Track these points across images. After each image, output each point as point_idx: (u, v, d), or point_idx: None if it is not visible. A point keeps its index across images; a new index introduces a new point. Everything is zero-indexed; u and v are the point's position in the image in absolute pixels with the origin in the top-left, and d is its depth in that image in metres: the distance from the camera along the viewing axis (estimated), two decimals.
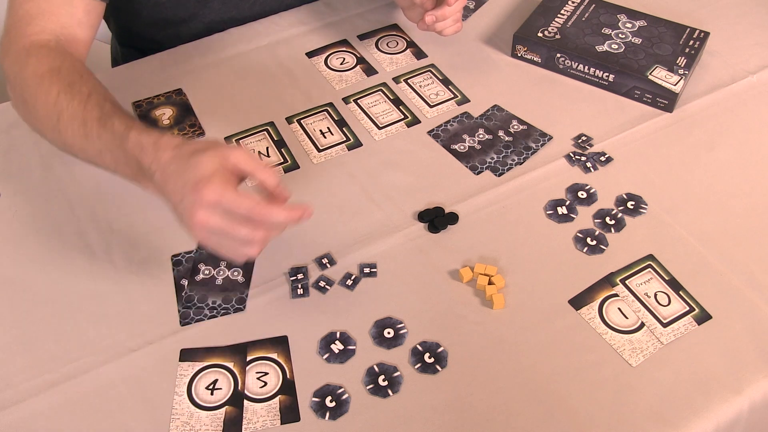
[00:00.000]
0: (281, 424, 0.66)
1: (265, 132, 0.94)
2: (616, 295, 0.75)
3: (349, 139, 0.92)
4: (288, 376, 0.69)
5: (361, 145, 0.91)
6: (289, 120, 0.95)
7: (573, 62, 0.99)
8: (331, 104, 0.97)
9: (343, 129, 0.93)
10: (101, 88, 0.81)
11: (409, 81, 1.00)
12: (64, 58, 0.83)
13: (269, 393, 0.68)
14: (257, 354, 0.71)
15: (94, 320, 0.74)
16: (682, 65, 0.96)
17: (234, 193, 0.65)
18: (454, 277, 0.77)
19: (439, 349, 0.71)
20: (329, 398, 0.68)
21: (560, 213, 0.83)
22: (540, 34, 1.01)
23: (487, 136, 0.92)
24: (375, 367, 0.70)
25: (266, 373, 0.70)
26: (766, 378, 0.68)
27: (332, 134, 0.93)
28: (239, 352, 0.71)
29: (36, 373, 0.70)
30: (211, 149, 0.67)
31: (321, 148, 0.91)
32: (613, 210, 0.83)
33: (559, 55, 0.99)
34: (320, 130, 0.93)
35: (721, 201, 0.84)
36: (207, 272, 0.78)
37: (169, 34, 1.06)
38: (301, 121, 0.95)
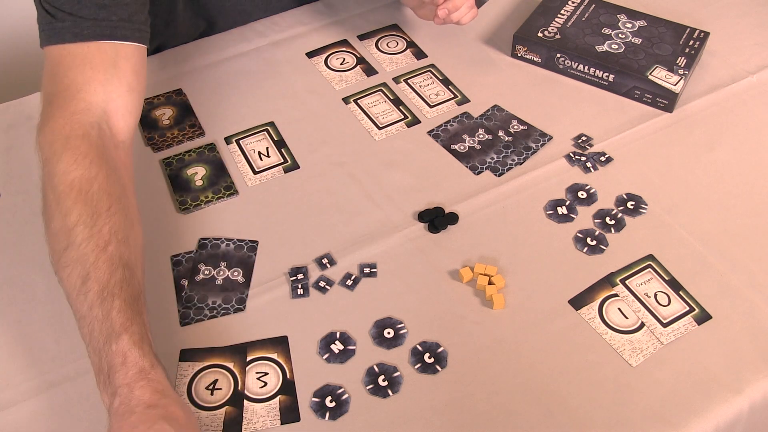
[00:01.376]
0: (281, 424, 0.66)
1: (265, 132, 0.94)
2: (616, 295, 0.75)
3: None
4: (288, 377, 0.69)
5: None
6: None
7: (573, 62, 0.99)
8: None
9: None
10: (123, 232, 0.69)
11: (409, 81, 1.00)
12: (100, 169, 0.71)
13: (269, 393, 0.68)
14: (257, 354, 0.71)
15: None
16: (682, 65, 0.96)
17: None
18: (454, 277, 0.77)
19: (439, 349, 0.71)
20: (329, 398, 0.68)
21: (560, 213, 0.83)
22: (540, 34, 1.01)
23: (487, 136, 0.92)
24: (375, 367, 0.70)
25: (266, 374, 0.69)
26: (766, 378, 0.68)
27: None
28: (239, 352, 0.71)
29: (36, 373, 0.70)
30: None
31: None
32: (613, 210, 0.83)
33: (559, 55, 0.99)
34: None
35: (721, 201, 0.84)
36: (207, 272, 0.78)
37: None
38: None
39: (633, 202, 0.84)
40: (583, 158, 0.89)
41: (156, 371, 0.63)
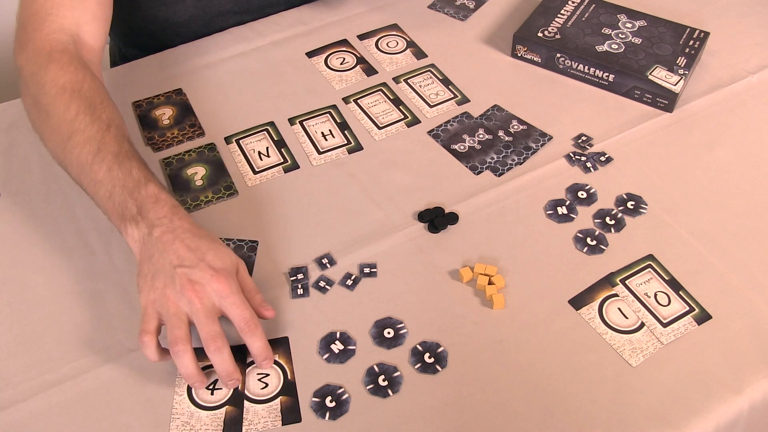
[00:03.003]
0: (282, 425, 0.66)
1: (265, 132, 0.94)
2: (616, 295, 0.75)
3: (350, 143, 0.92)
4: (289, 377, 0.69)
5: (362, 148, 0.91)
6: (291, 121, 0.95)
7: (573, 62, 0.99)
8: (334, 106, 0.97)
9: (345, 132, 0.93)
10: (119, 120, 0.80)
11: (409, 81, 1.00)
12: (86, 74, 0.81)
13: (270, 394, 0.68)
14: None
15: (94, 320, 0.74)
16: (682, 65, 0.96)
17: (240, 297, 0.67)
18: (454, 277, 0.77)
19: (439, 349, 0.71)
20: (329, 398, 0.68)
21: (560, 213, 0.83)
22: (540, 34, 1.01)
23: (487, 136, 0.92)
24: (375, 367, 0.70)
25: (267, 375, 0.69)
26: (766, 378, 0.68)
27: (333, 137, 0.93)
28: (239, 352, 0.71)
29: (36, 373, 0.70)
30: (230, 252, 0.70)
31: (321, 150, 0.91)
32: (613, 210, 0.83)
33: (559, 55, 0.99)
34: (321, 132, 0.93)
35: (721, 201, 0.84)
36: None
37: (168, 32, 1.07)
38: (304, 122, 0.95)
39: (633, 202, 0.84)
40: (583, 158, 0.89)
41: (182, 208, 0.72)
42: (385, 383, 0.69)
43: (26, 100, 0.83)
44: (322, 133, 0.93)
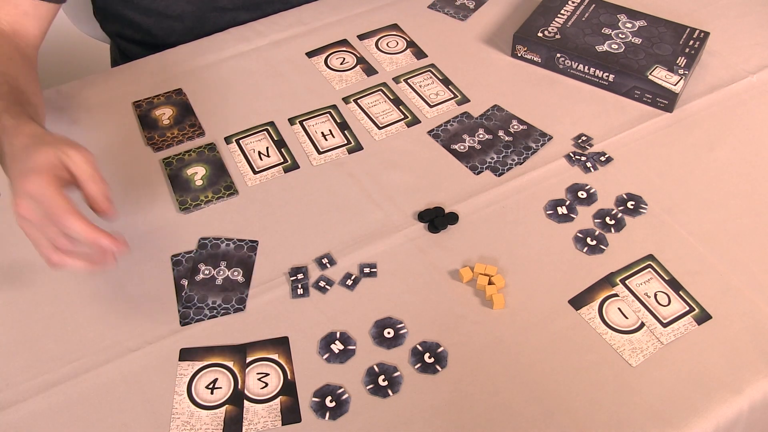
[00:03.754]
0: (282, 425, 0.66)
1: (265, 132, 0.94)
2: (616, 295, 0.75)
3: (350, 143, 0.92)
4: (289, 377, 0.69)
5: (362, 148, 0.91)
6: (291, 121, 0.95)
7: (573, 62, 0.99)
8: (334, 106, 0.97)
9: (345, 132, 0.93)
10: (13, 80, 0.81)
11: (409, 81, 1.00)
12: (10, 46, 0.86)
13: (270, 394, 0.68)
14: (258, 355, 0.71)
15: (94, 320, 0.74)
16: (682, 65, 0.96)
17: (52, 191, 0.65)
18: (454, 277, 0.77)
19: (439, 349, 0.71)
20: (329, 398, 0.68)
21: (560, 213, 0.83)
22: (540, 34, 1.01)
23: (487, 136, 0.92)
24: (375, 367, 0.70)
25: (267, 374, 0.69)
26: (766, 378, 0.68)
27: (333, 137, 0.93)
28: (239, 351, 0.71)
29: (36, 373, 0.70)
30: (54, 144, 0.69)
31: (321, 150, 0.91)
32: (613, 210, 0.83)
33: (559, 55, 0.99)
34: (321, 132, 0.93)
35: (721, 201, 0.84)
36: (207, 272, 0.78)
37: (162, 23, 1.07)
38: (304, 122, 0.95)
39: (633, 202, 0.84)
40: (583, 158, 0.89)
41: (30, 125, 0.73)
42: (385, 383, 0.69)
43: None
44: (322, 133, 0.93)
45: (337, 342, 0.72)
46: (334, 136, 0.93)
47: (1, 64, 0.84)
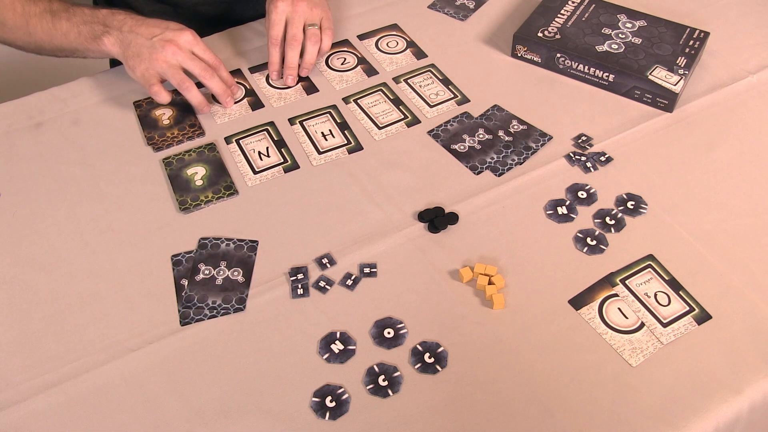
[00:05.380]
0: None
1: (265, 132, 0.94)
2: (616, 295, 0.75)
3: (351, 143, 0.92)
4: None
5: (362, 148, 0.91)
6: (291, 121, 0.95)
7: (573, 62, 0.99)
8: (334, 106, 0.97)
9: (345, 132, 0.93)
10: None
11: (409, 81, 1.00)
12: None
13: None
14: None
15: (94, 320, 0.74)
16: (682, 65, 0.96)
17: (205, 45, 0.93)
18: (454, 277, 0.77)
19: (439, 349, 0.71)
20: (329, 398, 0.68)
21: (560, 213, 0.83)
22: (540, 34, 1.01)
23: (487, 136, 0.92)
24: (375, 367, 0.70)
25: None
26: (766, 378, 0.68)
27: (333, 137, 0.93)
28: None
29: (36, 373, 0.70)
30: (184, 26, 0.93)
31: (321, 150, 0.91)
32: (613, 210, 0.83)
33: (559, 55, 0.99)
34: (321, 132, 0.93)
35: (721, 201, 0.84)
36: (207, 272, 0.78)
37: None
38: (304, 122, 0.95)
39: (633, 202, 0.84)
40: (583, 158, 0.89)
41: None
42: (385, 383, 0.69)
43: None
44: (322, 133, 0.93)
45: (337, 342, 0.72)
46: (334, 136, 0.93)
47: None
